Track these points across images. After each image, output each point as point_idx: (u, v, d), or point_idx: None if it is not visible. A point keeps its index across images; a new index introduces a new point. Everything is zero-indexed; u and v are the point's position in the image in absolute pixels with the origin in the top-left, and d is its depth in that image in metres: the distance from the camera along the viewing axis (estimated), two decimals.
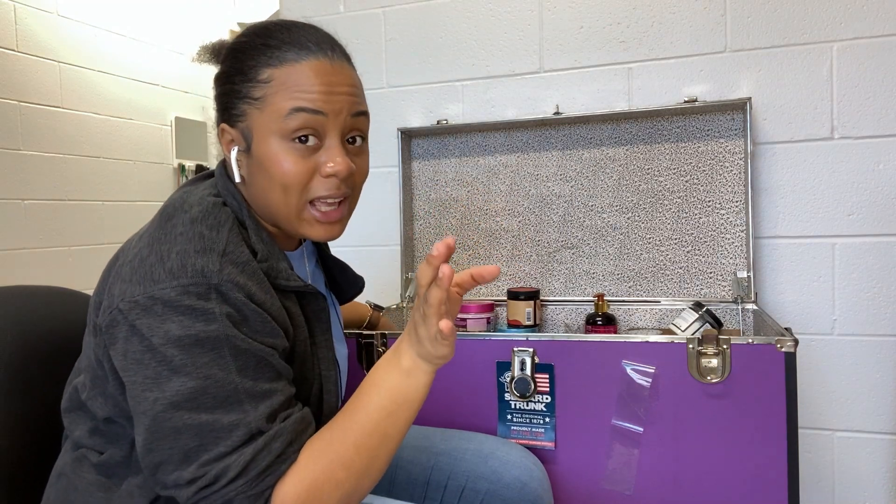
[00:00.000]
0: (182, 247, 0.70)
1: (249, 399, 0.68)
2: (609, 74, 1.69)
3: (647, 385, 1.05)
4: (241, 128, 0.78)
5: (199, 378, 0.67)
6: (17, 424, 0.89)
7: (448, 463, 1.01)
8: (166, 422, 0.67)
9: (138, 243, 0.73)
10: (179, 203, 0.76)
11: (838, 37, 1.52)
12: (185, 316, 0.67)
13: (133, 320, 0.68)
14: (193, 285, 0.67)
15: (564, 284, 1.72)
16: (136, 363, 0.68)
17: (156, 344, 0.67)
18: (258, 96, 0.76)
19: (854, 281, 1.54)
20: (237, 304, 0.69)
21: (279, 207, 0.77)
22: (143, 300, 0.68)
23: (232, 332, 0.68)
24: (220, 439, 0.67)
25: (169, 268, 0.68)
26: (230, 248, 0.71)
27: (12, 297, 0.96)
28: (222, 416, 0.67)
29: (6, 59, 2.39)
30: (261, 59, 0.76)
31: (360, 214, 1.93)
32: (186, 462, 0.67)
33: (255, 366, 0.70)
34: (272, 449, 0.68)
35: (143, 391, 0.68)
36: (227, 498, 0.67)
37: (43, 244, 2.54)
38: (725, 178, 1.58)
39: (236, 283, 0.69)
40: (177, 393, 0.66)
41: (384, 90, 1.89)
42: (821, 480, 1.58)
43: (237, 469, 0.66)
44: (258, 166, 0.77)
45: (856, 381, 1.54)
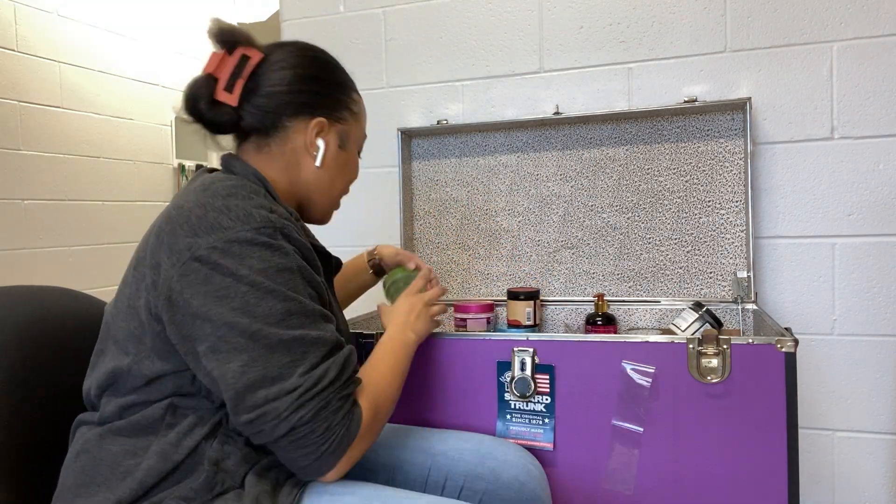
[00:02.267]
0: (238, 202, 0.79)
1: (322, 319, 0.80)
2: (609, 74, 1.69)
3: (647, 385, 1.05)
4: (340, 129, 0.97)
5: (286, 300, 0.76)
6: (18, 424, 0.89)
7: (446, 463, 1.01)
8: (262, 339, 0.74)
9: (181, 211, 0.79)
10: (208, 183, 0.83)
11: (838, 37, 1.52)
12: (264, 250, 0.76)
13: (215, 260, 0.75)
14: (264, 227, 0.77)
15: (564, 284, 1.72)
16: (221, 298, 0.74)
17: (243, 275, 0.75)
18: (355, 111, 0.99)
19: (854, 281, 1.54)
20: (299, 243, 0.81)
21: (331, 196, 0.99)
22: (221, 244, 0.75)
23: (302, 264, 0.80)
24: (308, 352, 0.76)
25: (235, 216, 0.77)
26: (274, 207, 0.82)
27: (12, 297, 0.96)
28: (308, 331, 0.77)
29: (6, 59, 2.39)
30: (349, 81, 0.99)
31: (361, 214, 1.93)
32: (284, 376, 0.74)
33: (318, 296, 0.82)
34: (352, 360, 0.81)
35: (235, 318, 0.74)
36: (328, 399, 0.75)
37: (43, 244, 2.54)
38: (725, 178, 1.58)
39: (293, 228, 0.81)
40: (269, 314, 0.75)
41: (384, 90, 1.89)
42: (821, 480, 1.58)
43: (335, 371, 0.77)
44: (342, 164, 0.98)
45: (856, 381, 1.54)
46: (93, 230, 2.77)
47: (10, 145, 2.41)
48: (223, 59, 0.89)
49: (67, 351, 0.97)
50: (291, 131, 0.92)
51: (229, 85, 0.89)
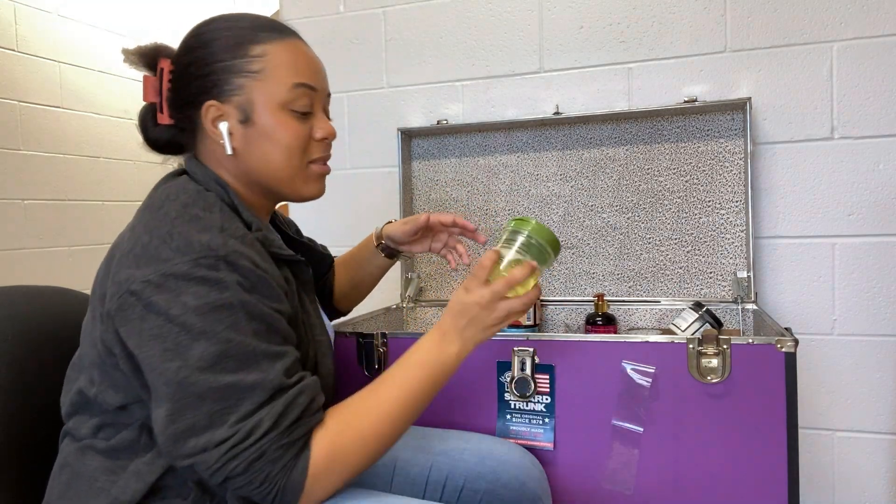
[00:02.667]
0: (182, 228, 0.73)
1: (266, 359, 0.72)
2: (609, 74, 1.69)
3: (647, 385, 1.05)
4: (237, 101, 0.83)
5: (220, 342, 0.70)
6: (17, 424, 0.89)
7: (446, 463, 1.01)
8: (191, 387, 0.69)
9: (132, 234, 0.76)
10: (164, 195, 0.79)
11: (838, 37, 1.52)
12: (199, 286, 0.70)
13: (148, 298, 0.70)
14: (203, 258, 0.71)
15: (564, 284, 1.72)
16: (153, 338, 0.70)
17: (174, 315, 0.69)
18: (256, 69, 0.83)
19: (854, 281, 1.54)
20: (245, 271, 0.73)
21: (282, 170, 0.85)
22: (156, 278, 0.70)
23: (245, 298, 0.72)
24: (244, 399, 0.70)
25: (175, 246, 0.72)
26: (227, 225, 0.76)
27: (12, 297, 0.96)
28: (245, 376, 0.70)
29: (6, 59, 2.39)
30: (249, 36, 0.84)
31: (360, 214, 1.93)
32: (214, 425, 0.69)
33: (266, 330, 0.74)
34: (299, 402, 0.73)
35: (164, 362, 0.70)
36: (262, 450, 0.69)
37: (43, 244, 2.54)
38: (725, 178, 1.58)
39: (241, 253, 0.74)
40: (200, 358, 0.69)
41: (384, 90, 1.89)
42: (821, 480, 1.58)
43: (270, 421, 0.70)
44: (260, 135, 0.84)
45: (856, 381, 1.54)
46: (93, 230, 2.77)
47: (10, 145, 2.41)
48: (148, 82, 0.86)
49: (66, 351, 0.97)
50: (199, 126, 0.85)
51: (160, 105, 0.86)
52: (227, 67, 0.83)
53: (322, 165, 0.89)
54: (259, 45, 0.83)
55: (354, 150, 1.92)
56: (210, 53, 0.83)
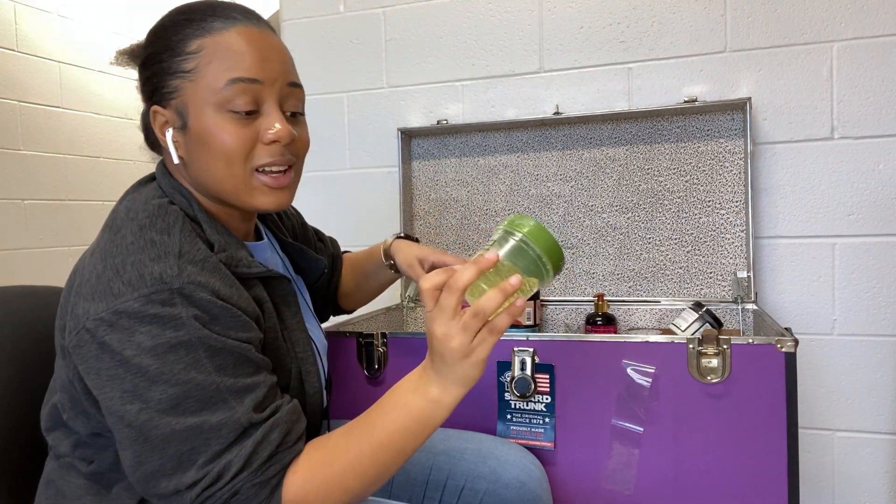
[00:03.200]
0: (136, 256, 0.68)
1: (233, 395, 0.68)
2: (609, 74, 1.69)
3: (647, 385, 1.05)
4: (175, 105, 0.76)
5: (179, 384, 0.66)
6: (17, 424, 0.88)
7: (447, 462, 1.01)
8: (154, 430, 0.66)
9: (91, 260, 0.72)
10: (124, 212, 0.74)
11: (838, 37, 1.52)
12: (152, 325, 0.65)
13: (101, 337, 0.66)
14: (156, 293, 0.66)
15: (564, 284, 1.72)
16: (111, 379, 0.66)
17: (128, 356, 0.65)
18: (189, 68, 0.74)
19: (854, 281, 1.54)
20: (203, 303, 0.68)
21: (224, 181, 0.76)
22: (108, 316, 0.66)
23: (203, 334, 0.67)
24: (211, 439, 0.66)
25: (127, 280, 0.67)
26: (185, 248, 0.70)
27: (12, 297, 0.96)
28: (209, 416, 0.66)
29: (6, 59, 2.39)
30: (187, 31, 0.75)
31: (361, 214, 1.93)
32: (182, 468, 0.66)
33: (233, 363, 0.69)
34: (271, 439, 0.69)
35: (124, 405, 0.66)
36: (235, 489, 0.66)
37: (43, 244, 2.54)
38: (725, 178, 1.58)
39: (198, 283, 0.68)
40: (159, 401, 0.65)
41: (384, 90, 1.89)
42: (821, 480, 1.58)
43: (240, 462, 0.67)
44: (197, 141, 0.75)
45: (856, 381, 1.54)
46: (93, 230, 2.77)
47: (10, 145, 2.41)
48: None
49: None
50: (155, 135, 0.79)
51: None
52: (164, 68, 0.75)
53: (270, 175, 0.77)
54: (195, 39, 0.74)
55: (354, 150, 1.92)
56: (153, 53, 0.77)
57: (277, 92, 0.76)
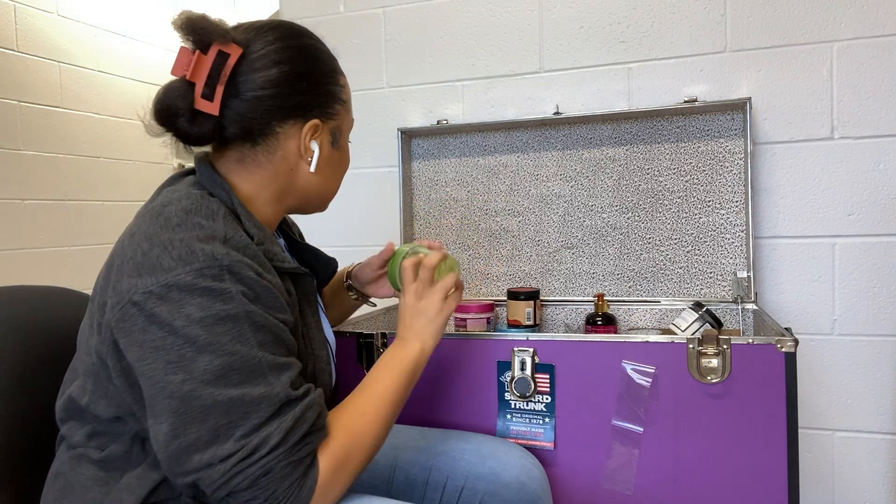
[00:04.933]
0: (184, 234, 0.71)
1: (272, 371, 0.71)
2: (609, 74, 1.69)
3: (647, 385, 1.05)
4: (332, 126, 0.87)
5: (225, 355, 0.68)
6: (18, 424, 0.89)
7: (447, 463, 1.01)
8: (195, 401, 0.67)
9: (132, 241, 0.73)
10: (166, 200, 0.76)
11: (838, 37, 1.52)
12: (203, 297, 0.68)
13: (150, 309, 0.68)
14: (207, 268, 0.69)
15: (564, 284, 1.72)
16: (155, 350, 0.68)
17: (178, 327, 0.68)
18: (345, 99, 0.89)
19: (854, 281, 1.54)
20: (249, 282, 0.72)
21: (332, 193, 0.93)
22: (158, 289, 0.68)
23: (250, 308, 0.71)
24: (250, 413, 0.68)
25: (177, 255, 0.69)
26: (230, 234, 0.73)
27: (12, 297, 0.96)
28: (251, 389, 0.69)
29: (6, 59, 2.39)
30: (335, 65, 0.88)
31: (361, 214, 1.93)
32: (219, 440, 0.68)
33: (272, 341, 0.72)
34: (307, 417, 0.72)
35: (167, 375, 0.68)
36: (268, 467, 0.68)
37: (43, 244, 2.54)
38: (725, 178, 1.58)
39: (245, 263, 0.72)
40: (204, 371, 0.67)
41: (384, 90, 1.89)
42: (821, 480, 1.58)
43: (279, 436, 0.68)
44: (339, 160, 0.91)
45: (856, 381, 1.54)
46: (93, 230, 2.77)
47: (10, 145, 2.41)
48: (198, 60, 0.76)
49: (66, 351, 0.97)
50: (282, 137, 0.82)
51: (208, 91, 0.77)
52: (332, 92, 0.86)
53: None
54: (341, 75, 0.89)
55: (354, 150, 1.92)
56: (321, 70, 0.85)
57: None
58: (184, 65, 0.77)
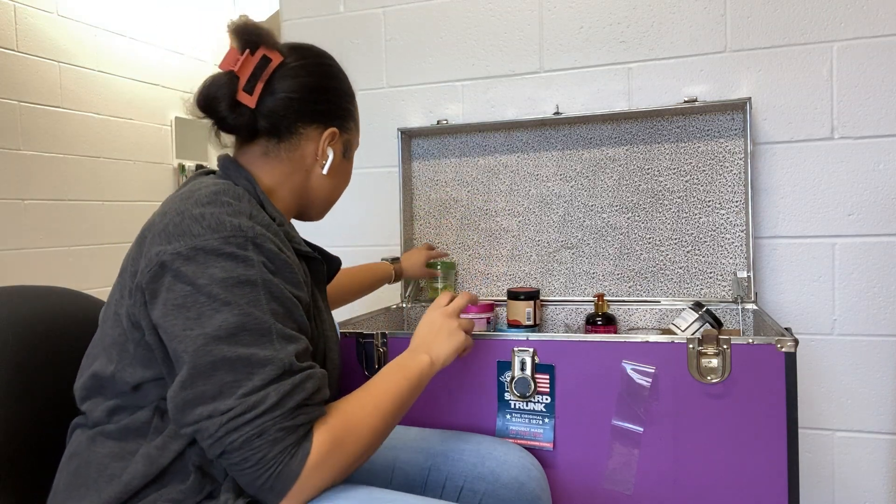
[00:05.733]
0: (214, 209, 0.77)
1: (280, 339, 0.75)
2: (609, 74, 1.69)
3: (647, 385, 1.05)
4: (345, 139, 0.98)
5: (240, 314, 0.73)
6: (18, 424, 0.89)
7: (446, 463, 1.01)
8: (206, 356, 0.71)
9: (163, 218, 0.79)
10: (195, 187, 0.83)
11: (838, 37, 1.52)
12: (227, 261, 0.74)
13: (178, 268, 0.74)
14: (233, 237, 0.76)
15: (564, 284, 1.72)
16: (177, 307, 0.73)
17: (201, 285, 0.73)
18: (357, 120, 1.02)
19: (854, 281, 1.54)
20: (271, 254, 0.78)
21: (330, 203, 1.02)
22: (186, 251, 0.74)
23: (268, 278, 0.77)
24: (254, 374, 0.72)
25: (207, 224, 0.76)
26: (255, 213, 0.80)
27: (12, 297, 0.96)
28: (258, 350, 0.73)
29: (6, 59, 2.40)
30: (352, 91, 1.00)
31: (361, 214, 1.93)
32: (222, 396, 0.71)
33: (283, 312, 0.77)
34: (306, 387, 0.75)
35: (185, 330, 0.72)
36: (262, 428, 0.70)
37: (43, 244, 2.54)
38: (725, 178, 1.58)
39: (268, 237, 0.79)
40: (218, 328, 0.72)
41: (384, 90, 1.89)
42: (821, 480, 1.58)
43: (275, 398, 0.71)
44: (344, 171, 1.01)
45: (856, 381, 1.54)
46: (93, 230, 2.77)
47: (10, 145, 2.41)
48: (246, 59, 0.87)
49: (67, 351, 0.97)
50: (304, 138, 0.92)
51: (249, 86, 0.87)
52: (349, 110, 0.98)
53: None
54: (355, 100, 1.01)
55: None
56: (343, 89, 0.97)
57: None
58: (231, 61, 0.88)
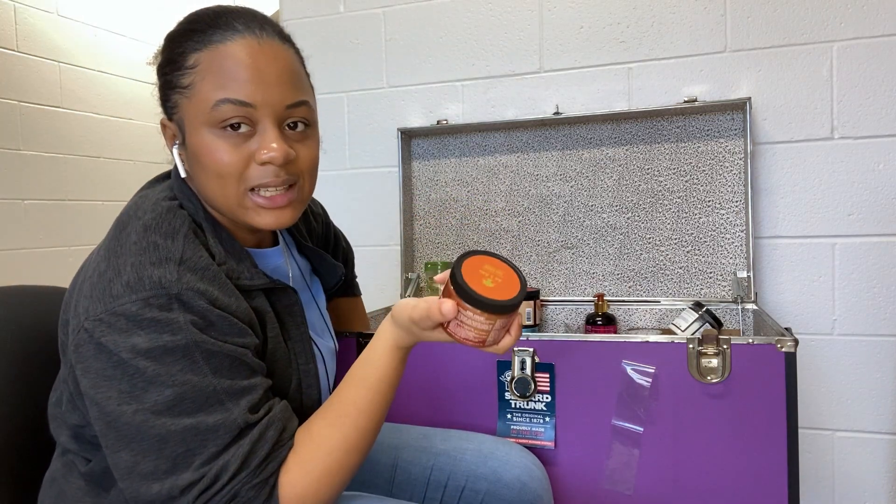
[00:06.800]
0: (136, 258, 0.68)
1: (229, 397, 0.68)
2: (609, 74, 1.69)
3: (647, 385, 1.05)
4: (177, 120, 0.76)
5: (176, 385, 0.66)
6: (18, 424, 0.88)
7: (448, 463, 1.01)
8: (150, 430, 0.66)
9: (97, 257, 0.72)
10: (133, 210, 0.74)
11: (838, 37, 1.52)
12: (149, 328, 0.66)
13: (98, 338, 0.66)
14: (154, 297, 0.66)
15: (564, 284, 1.72)
16: (107, 379, 0.66)
17: (125, 358, 0.65)
18: (186, 84, 0.73)
19: (854, 281, 1.54)
20: (200, 310, 0.68)
21: (218, 198, 0.75)
22: (106, 317, 0.66)
23: (200, 338, 0.67)
24: (207, 440, 0.66)
25: (126, 281, 0.67)
26: (187, 255, 0.70)
27: (12, 297, 0.96)
28: (206, 417, 0.66)
29: (6, 59, 2.39)
30: (188, 44, 0.74)
31: (360, 214, 1.93)
32: (178, 469, 0.66)
33: (229, 366, 0.69)
34: (267, 437, 0.69)
35: (120, 405, 0.66)
36: (234, 492, 0.66)
37: (43, 244, 2.54)
38: (725, 178, 1.58)
39: (197, 290, 0.68)
40: (155, 403, 0.65)
41: (384, 90, 1.89)
42: (821, 480, 1.58)
43: (237, 462, 0.67)
44: (193, 158, 0.75)
45: (856, 381, 1.54)
46: (93, 230, 2.77)
47: (10, 145, 2.41)
48: None
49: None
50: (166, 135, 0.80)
51: None
52: (168, 81, 0.75)
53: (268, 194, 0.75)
54: (193, 53, 0.73)
55: (354, 150, 1.92)
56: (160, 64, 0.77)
57: (274, 113, 0.74)
58: None
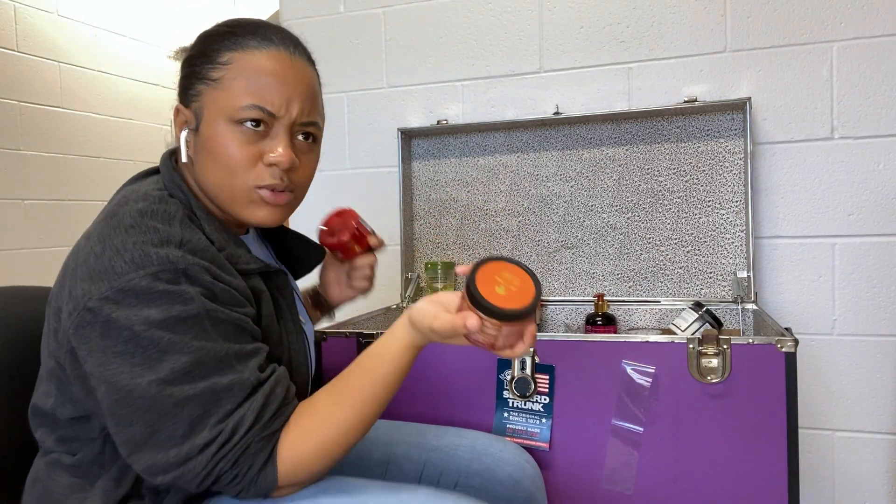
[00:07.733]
0: (138, 238, 0.70)
1: (238, 360, 0.72)
2: (609, 74, 1.69)
3: (647, 385, 1.05)
4: (194, 107, 0.80)
5: (191, 352, 0.69)
6: (17, 425, 0.88)
7: (441, 459, 1.01)
8: (167, 398, 0.68)
9: (86, 243, 0.73)
10: (123, 201, 0.75)
11: (838, 37, 1.52)
12: (161, 301, 0.68)
13: (107, 315, 0.68)
14: (163, 272, 0.69)
15: (564, 284, 1.72)
16: (119, 355, 0.68)
17: (139, 331, 0.67)
18: (216, 77, 0.78)
19: (854, 281, 1.54)
20: (206, 284, 0.72)
21: (221, 189, 0.80)
22: (112, 294, 0.68)
23: (210, 306, 0.71)
24: (222, 400, 0.70)
25: (130, 259, 0.69)
26: (186, 238, 0.73)
27: (12, 297, 0.96)
28: (219, 378, 0.70)
29: (6, 59, 2.39)
30: (224, 42, 0.79)
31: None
32: (195, 430, 0.69)
33: (235, 332, 0.73)
34: (276, 393, 0.74)
35: (134, 378, 0.68)
36: (246, 444, 0.70)
37: (43, 244, 2.54)
38: (725, 178, 1.58)
39: (202, 266, 0.72)
40: (172, 370, 0.68)
41: (384, 90, 1.89)
42: (821, 480, 1.58)
43: (253, 415, 0.70)
44: (204, 146, 0.79)
45: (856, 381, 1.54)
46: None
47: (10, 145, 2.41)
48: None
49: None
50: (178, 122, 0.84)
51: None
52: (195, 72, 0.80)
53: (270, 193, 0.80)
54: (227, 52, 0.79)
55: (354, 150, 1.92)
56: (190, 56, 0.82)
57: (290, 123, 0.80)
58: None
